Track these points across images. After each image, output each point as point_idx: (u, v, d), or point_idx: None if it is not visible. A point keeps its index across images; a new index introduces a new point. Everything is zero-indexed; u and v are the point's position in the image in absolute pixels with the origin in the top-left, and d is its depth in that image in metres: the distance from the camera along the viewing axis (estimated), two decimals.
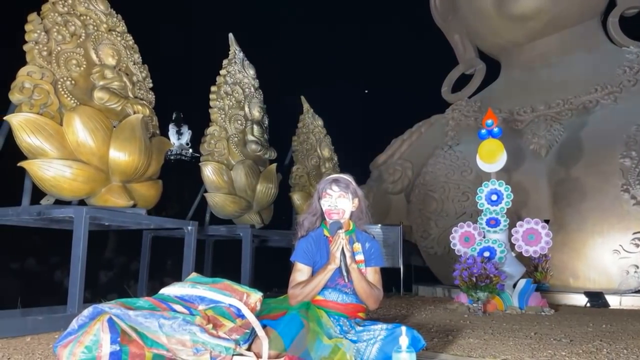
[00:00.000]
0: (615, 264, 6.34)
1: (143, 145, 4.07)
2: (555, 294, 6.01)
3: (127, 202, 4.03)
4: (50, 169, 3.59)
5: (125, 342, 1.97)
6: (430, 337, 3.06)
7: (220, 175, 5.43)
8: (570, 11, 8.55)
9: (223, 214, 5.65)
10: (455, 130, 8.81)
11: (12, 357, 2.35)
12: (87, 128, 3.73)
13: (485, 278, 4.60)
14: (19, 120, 3.47)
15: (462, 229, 5.52)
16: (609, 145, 6.71)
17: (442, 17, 10.50)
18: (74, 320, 2.00)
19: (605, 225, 6.47)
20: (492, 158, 5.32)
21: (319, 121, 7.56)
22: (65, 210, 3.53)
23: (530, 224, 5.19)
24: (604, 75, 7.78)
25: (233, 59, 6.00)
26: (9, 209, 3.62)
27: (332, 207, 2.38)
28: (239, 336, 2.05)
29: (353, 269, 2.28)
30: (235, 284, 2.30)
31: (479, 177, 7.19)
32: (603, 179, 6.57)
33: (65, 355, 1.91)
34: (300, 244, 2.41)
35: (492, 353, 2.62)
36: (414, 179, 8.70)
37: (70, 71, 3.86)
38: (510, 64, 9.56)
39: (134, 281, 6.08)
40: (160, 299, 2.14)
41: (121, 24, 4.36)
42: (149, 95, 4.52)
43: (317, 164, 7.30)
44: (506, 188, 5.22)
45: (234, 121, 5.77)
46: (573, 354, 2.61)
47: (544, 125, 7.58)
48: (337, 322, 2.27)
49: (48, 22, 3.79)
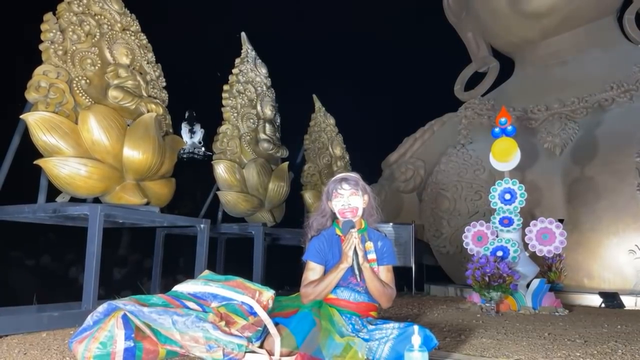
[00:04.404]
0: (631, 264, 6.26)
1: (156, 143, 4.10)
2: (570, 294, 5.95)
3: (141, 200, 4.07)
4: (65, 167, 3.63)
5: (139, 339, 1.99)
6: (443, 337, 3.05)
7: (233, 173, 5.45)
8: (585, 8, 8.44)
9: (235, 212, 5.67)
10: (468, 128, 8.75)
11: (28, 353, 2.39)
12: (102, 126, 3.77)
13: (498, 278, 4.56)
14: (35, 118, 3.51)
15: (475, 228, 5.49)
16: (624, 144, 6.62)
17: (456, 15, 10.43)
18: (89, 316, 2.03)
19: (620, 224, 6.39)
20: (506, 157, 5.27)
21: (330, 120, 7.56)
22: (81, 208, 3.57)
23: (544, 223, 5.14)
24: (620, 73, 7.67)
25: (245, 57, 6.01)
26: (25, 207, 3.68)
27: (345, 206, 2.38)
28: (251, 333, 2.06)
29: (365, 267, 2.28)
30: (248, 281, 2.32)
31: (492, 175, 7.14)
32: (618, 178, 6.48)
33: (80, 351, 1.94)
34: (313, 243, 2.42)
35: (505, 353, 2.60)
36: (426, 178, 8.66)
37: (85, 70, 3.90)
38: (524, 62, 9.47)
39: (147, 278, 6.13)
40: (173, 296, 2.16)
41: (135, 24, 4.39)
42: (162, 94, 4.55)
43: (328, 163, 7.30)
44: (520, 187, 5.17)
45: (246, 120, 5.79)
46: (587, 355, 2.58)
47: (559, 124, 7.49)
48: (349, 320, 2.27)
49: (63, 22, 3.83)
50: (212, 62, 7.31)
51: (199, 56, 9.01)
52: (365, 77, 12.23)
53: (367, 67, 12.30)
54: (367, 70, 12.30)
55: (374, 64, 12.36)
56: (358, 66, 12.09)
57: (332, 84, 9.89)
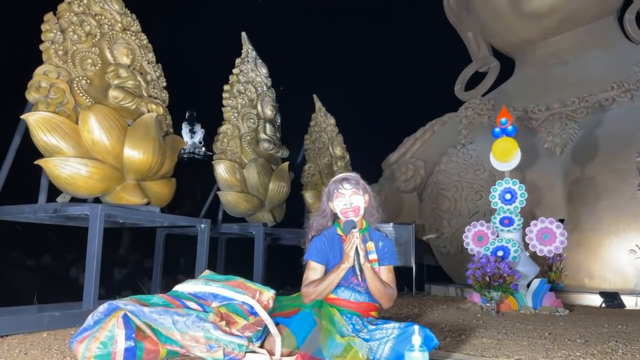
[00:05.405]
0: (631, 264, 6.25)
1: (157, 143, 4.11)
2: (570, 294, 5.94)
3: (142, 200, 4.07)
4: (66, 167, 3.63)
5: (139, 338, 1.99)
6: (443, 337, 3.05)
7: (233, 173, 5.45)
8: (586, 8, 8.44)
9: (236, 212, 5.67)
10: (469, 128, 8.74)
11: (29, 353, 2.39)
12: (102, 127, 3.77)
13: (499, 277, 4.56)
14: (36, 119, 3.52)
15: (475, 228, 5.49)
16: (624, 143, 6.62)
17: (456, 15, 10.43)
18: (90, 316, 2.03)
19: (620, 224, 6.39)
20: (506, 157, 5.27)
21: (331, 119, 7.56)
22: (81, 208, 3.58)
23: (545, 223, 5.14)
24: (620, 72, 7.66)
25: (246, 57, 6.01)
26: (25, 207, 3.68)
27: (347, 206, 2.38)
28: (251, 333, 2.06)
29: (366, 267, 2.28)
30: (248, 281, 2.32)
31: (492, 175, 7.14)
32: (618, 177, 6.48)
33: (81, 350, 1.94)
34: (314, 243, 2.42)
35: (505, 353, 2.60)
36: (427, 178, 8.65)
37: (86, 70, 3.90)
38: (525, 62, 9.47)
39: (148, 278, 6.14)
40: (174, 296, 2.16)
41: (135, 24, 4.39)
42: (162, 94, 4.55)
43: (329, 163, 7.30)
44: (520, 187, 5.17)
45: (246, 120, 5.79)
46: (588, 355, 2.58)
47: (559, 124, 7.49)
48: (349, 320, 2.27)
49: (64, 22, 3.83)
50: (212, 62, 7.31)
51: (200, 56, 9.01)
52: (365, 77, 12.24)
53: (367, 67, 12.30)
54: (367, 70, 12.31)
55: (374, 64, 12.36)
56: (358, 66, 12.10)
57: (333, 84, 9.90)
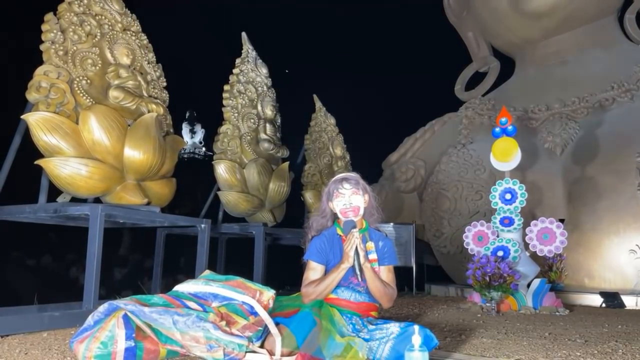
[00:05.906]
0: (631, 264, 6.25)
1: (157, 143, 4.11)
2: (570, 294, 5.94)
3: (142, 200, 4.07)
4: (66, 167, 3.64)
5: (140, 338, 1.99)
6: (443, 337, 3.05)
7: (233, 173, 5.46)
8: (586, 8, 8.43)
9: (236, 212, 5.68)
10: (469, 128, 8.74)
11: (29, 352, 2.39)
12: (103, 127, 3.78)
13: (499, 277, 4.56)
14: (36, 119, 3.52)
15: (476, 228, 5.49)
16: (625, 143, 6.62)
17: (456, 15, 10.42)
18: (90, 316, 2.03)
19: (621, 224, 6.39)
20: (506, 156, 5.27)
21: (331, 119, 7.56)
22: (81, 208, 3.58)
23: (545, 223, 5.14)
24: (621, 72, 7.67)
25: (246, 57, 6.02)
26: (25, 207, 3.68)
27: (347, 206, 2.38)
28: (251, 333, 2.06)
29: (366, 267, 2.28)
30: (248, 281, 2.32)
31: (492, 175, 7.14)
32: (619, 177, 6.48)
33: (81, 350, 1.94)
34: (314, 243, 2.42)
35: (505, 353, 2.60)
36: (427, 178, 8.65)
37: (86, 70, 3.90)
38: (525, 62, 9.47)
39: (148, 278, 6.14)
40: (174, 296, 2.17)
41: (135, 24, 4.40)
42: (163, 94, 4.55)
43: (329, 163, 7.31)
44: (520, 187, 5.17)
45: (246, 120, 5.79)
46: (588, 355, 2.58)
47: (559, 124, 7.49)
48: (349, 320, 2.27)
49: (64, 22, 3.83)
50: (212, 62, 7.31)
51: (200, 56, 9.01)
52: (365, 77, 12.23)
53: (367, 67, 12.30)
54: (367, 70, 12.30)
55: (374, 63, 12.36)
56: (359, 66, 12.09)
57: (333, 84, 9.89)
